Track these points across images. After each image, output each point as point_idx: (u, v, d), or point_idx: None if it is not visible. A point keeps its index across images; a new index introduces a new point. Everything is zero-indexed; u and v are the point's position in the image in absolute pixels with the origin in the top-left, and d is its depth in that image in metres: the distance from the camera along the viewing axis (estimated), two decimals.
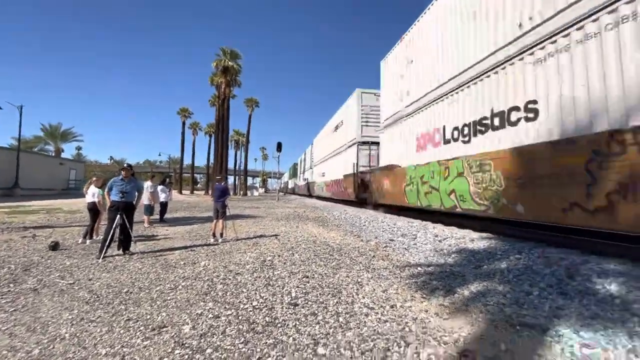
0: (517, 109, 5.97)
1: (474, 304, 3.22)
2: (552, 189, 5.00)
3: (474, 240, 6.13)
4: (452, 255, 5.28)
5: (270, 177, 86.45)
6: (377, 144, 14.80)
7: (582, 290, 3.33)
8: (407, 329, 2.67)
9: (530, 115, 5.65)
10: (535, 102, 5.57)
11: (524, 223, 6.04)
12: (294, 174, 53.28)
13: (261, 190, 67.13)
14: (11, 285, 3.76)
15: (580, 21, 4.76)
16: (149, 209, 9.33)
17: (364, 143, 16.22)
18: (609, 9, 4.37)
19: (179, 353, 2.27)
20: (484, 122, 6.87)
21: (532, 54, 5.67)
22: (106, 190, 5.57)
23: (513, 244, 5.60)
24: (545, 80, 5.37)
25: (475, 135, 7.22)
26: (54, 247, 5.69)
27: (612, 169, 4.09)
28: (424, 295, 3.49)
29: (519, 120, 5.91)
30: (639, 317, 2.67)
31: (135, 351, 2.29)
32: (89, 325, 2.71)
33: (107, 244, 5.18)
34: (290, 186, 60.02)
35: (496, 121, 6.52)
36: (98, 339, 2.47)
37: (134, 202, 5.70)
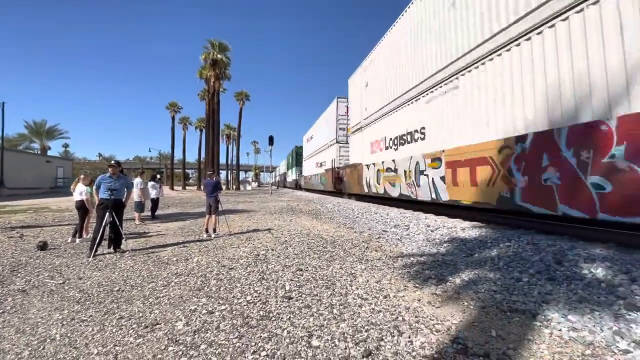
0: None
1: (466, 292, 3.27)
2: None
3: (465, 229, 6.21)
4: (444, 244, 5.35)
5: (262, 171, 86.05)
6: None
7: (569, 275, 3.41)
8: (400, 318, 2.70)
9: None
10: None
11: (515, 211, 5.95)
12: (295, 162, 40.19)
13: (254, 185, 66.77)
14: None
15: None
16: (140, 206, 9.19)
17: None
18: None
19: (173, 350, 2.25)
20: None
21: None
22: (94, 188, 5.46)
23: (503, 231, 5.69)
24: None
25: None
26: (43, 246, 5.58)
27: None
28: (417, 285, 3.54)
29: None
30: (624, 299, 2.75)
31: (128, 349, 2.27)
32: (80, 325, 2.67)
33: (97, 242, 5.09)
34: (291, 178, 45.14)
35: None
36: (90, 338, 2.44)
37: (123, 199, 5.61)
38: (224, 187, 39.74)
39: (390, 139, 11.10)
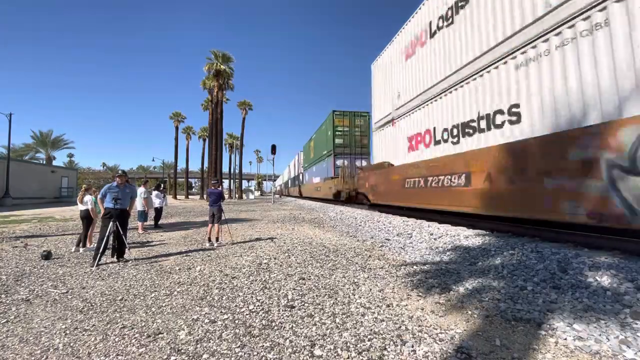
0: None
1: (470, 301, 3.25)
2: None
3: (469, 237, 6.17)
4: (447, 252, 5.32)
5: (265, 180, 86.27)
6: None
7: (574, 283, 3.38)
8: (403, 327, 2.68)
9: None
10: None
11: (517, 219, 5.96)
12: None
13: (257, 193, 66.83)
14: (2, 296, 3.70)
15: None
16: (143, 215, 9.24)
17: None
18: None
19: (175, 359, 2.25)
20: None
21: None
22: (99, 197, 5.51)
23: (507, 239, 5.64)
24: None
25: None
26: (47, 256, 5.60)
27: None
28: (420, 294, 3.51)
29: None
30: (630, 308, 2.72)
31: (131, 359, 2.27)
32: (83, 335, 2.67)
33: (100, 251, 5.11)
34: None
35: None
36: (92, 347, 2.44)
37: (128, 208, 5.65)
38: (226, 195, 39.78)
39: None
